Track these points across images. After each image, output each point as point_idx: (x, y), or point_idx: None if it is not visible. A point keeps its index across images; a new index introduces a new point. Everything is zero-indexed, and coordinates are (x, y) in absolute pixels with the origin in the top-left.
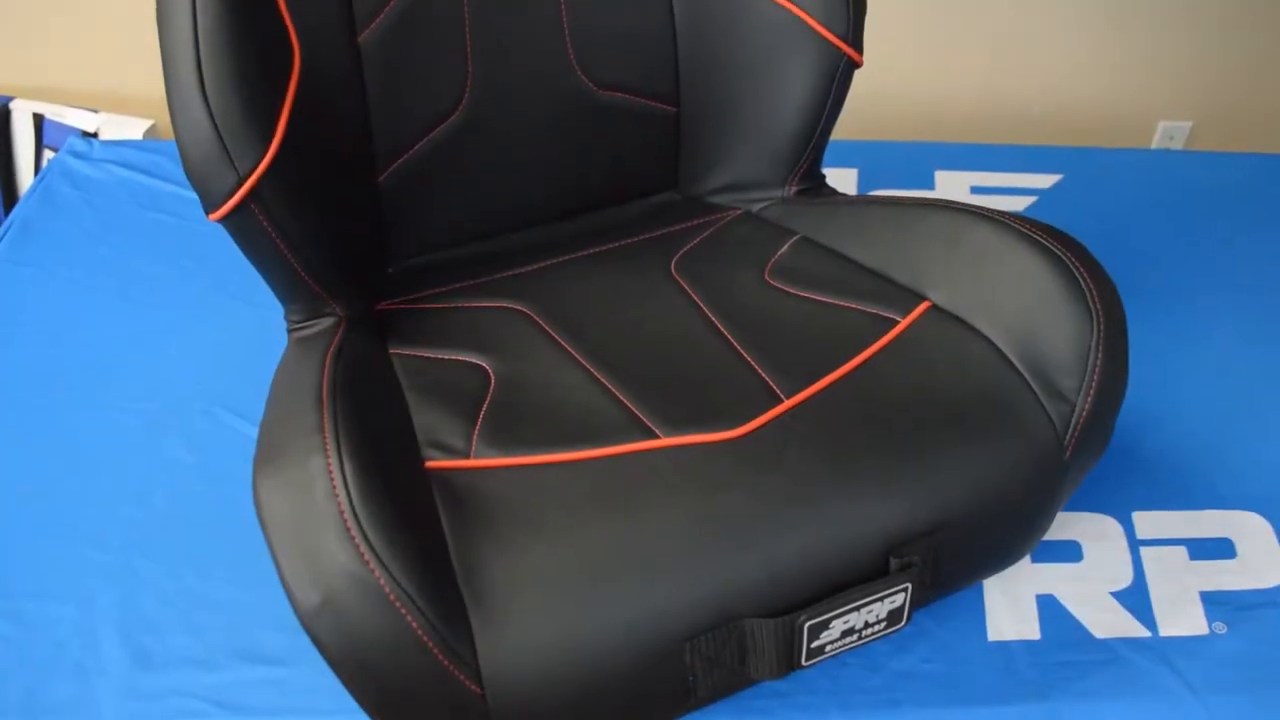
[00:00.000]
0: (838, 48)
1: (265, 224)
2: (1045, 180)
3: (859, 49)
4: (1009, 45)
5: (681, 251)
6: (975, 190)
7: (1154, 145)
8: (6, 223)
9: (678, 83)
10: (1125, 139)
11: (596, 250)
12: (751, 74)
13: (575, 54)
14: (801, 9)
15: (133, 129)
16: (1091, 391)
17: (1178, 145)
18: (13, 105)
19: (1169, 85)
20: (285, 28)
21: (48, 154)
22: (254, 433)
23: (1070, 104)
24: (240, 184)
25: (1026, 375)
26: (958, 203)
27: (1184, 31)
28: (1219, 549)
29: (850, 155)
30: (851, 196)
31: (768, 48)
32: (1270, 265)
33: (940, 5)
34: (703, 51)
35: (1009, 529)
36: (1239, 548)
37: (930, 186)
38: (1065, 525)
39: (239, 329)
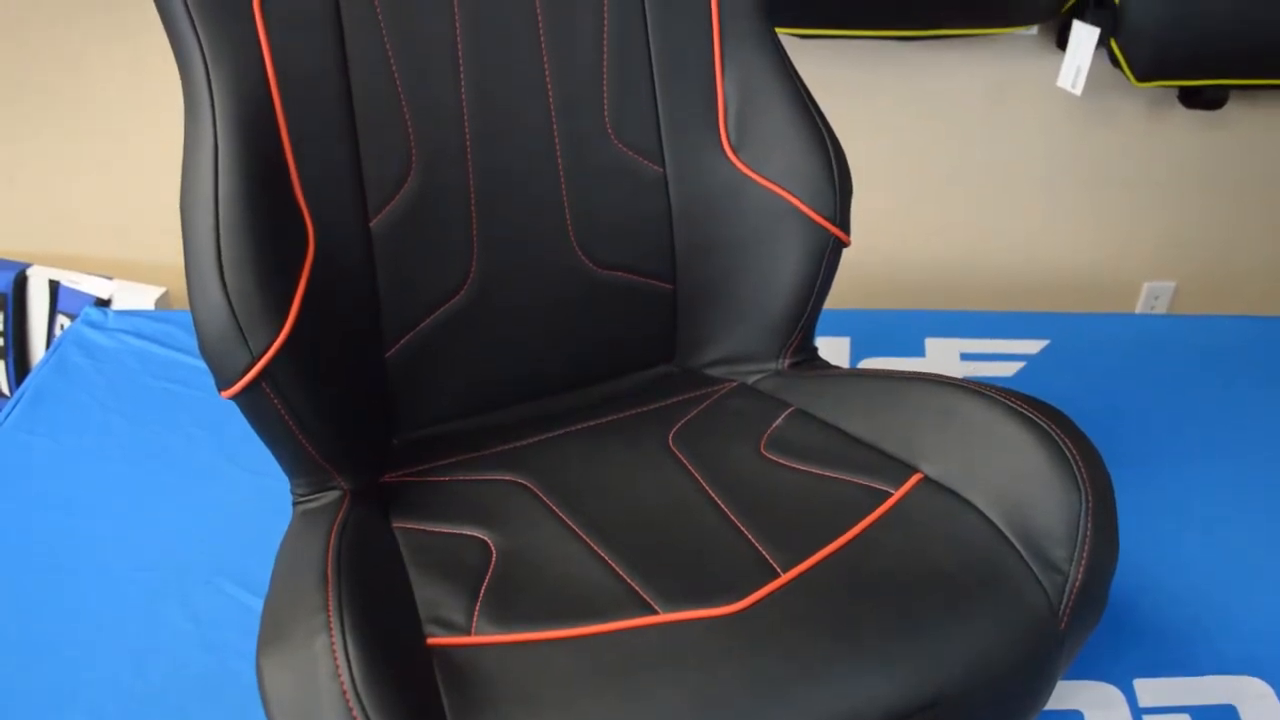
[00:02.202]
0: (826, 229)
1: (276, 402)
2: (1033, 346)
3: (846, 229)
4: (994, 213)
5: (679, 424)
6: (965, 357)
7: (1140, 305)
8: (20, 391)
9: (674, 262)
10: (1111, 300)
11: (596, 423)
12: (744, 254)
13: (576, 236)
14: (791, 194)
15: (145, 296)
16: (1083, 561)
17: (1163, 305)
18: (30, 271)
19: (1152, 247)
20: (301, 215)
21: (61, 319)
22: (255, 603)
23: (1057, 267)
24: (253, 363)
25: (1019, 546)
26: (947, 376)
27: (1165, 195)
28: (1223, 716)
29: (843, 324)
30: (844, 369)
31: (759, 229)
32: (1257, 426)
33: (925, 176)
34: (697, 232)
35: (1009, 701)
36: (1243, 713)
37: (921, 353)
38: (1066, 695)
39: (244, 498)
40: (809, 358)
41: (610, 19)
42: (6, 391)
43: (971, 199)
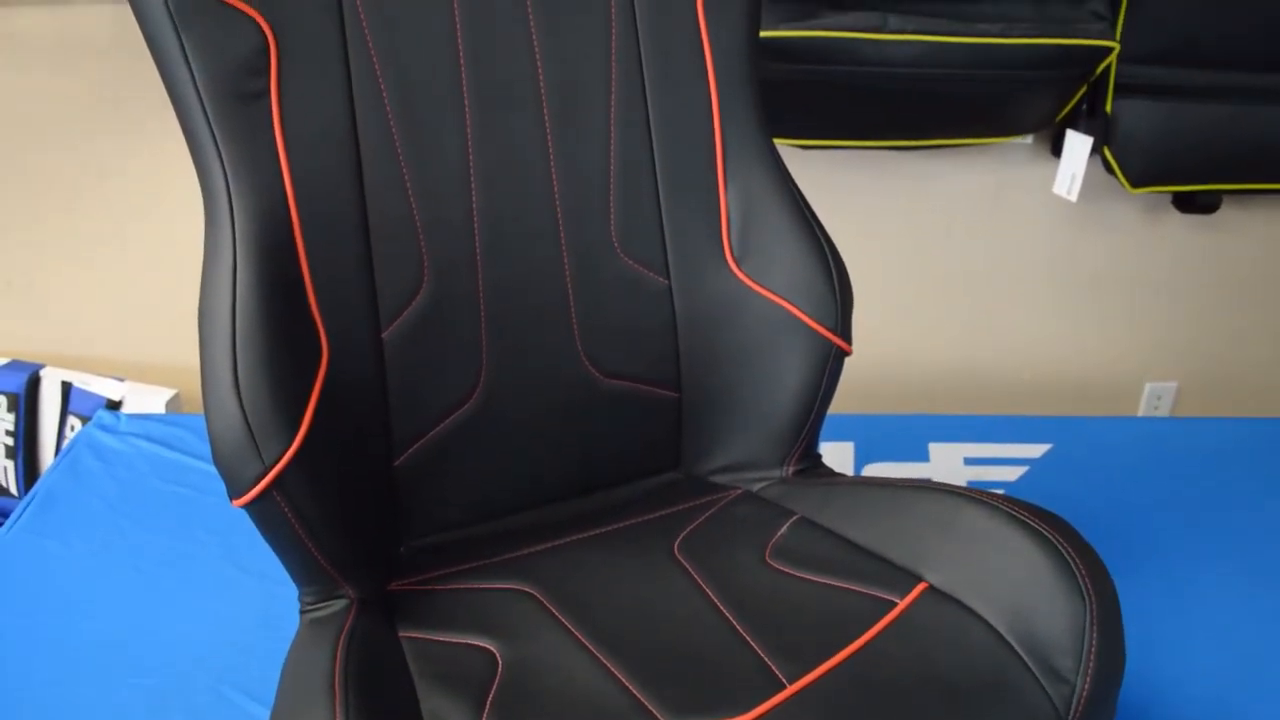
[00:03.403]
0: (828, 339)
1: (286, 511)
2: (1036, 450)
3: (847, 339)
4: (995, 316)
5: (684, 532)
6: (969, 461)
7: (1142, 405)
8: (31, 493)
9: (679, 370)
10: (1114, 401)
11: (602, 531)
12: (748, 363)
13: (582, 345)
14: (793, 305)
15: (156, 397)
16: (1089, 671)
17: (1166, 405)
18: (43, 373)
19: (1152, 348)
20: (316, 327)
21: (72, 420)
22: (261, 713)
23: (1059, 369)
24: (265, 473)
25: (1024, 656)
26: (949, 485)
27: (1163, 296)
28: None
29: (847, 429)
30: (848, 477)
31: (762, 339)
32: (1263, 529)
33: (925, 280)
34: (702, 342)
35: None
36: None
37: (925, 458)
38: None
39: (249, 604)
40: (813, 465)
41: (617, 138)
42: (14, 492)
43: (972, 303)
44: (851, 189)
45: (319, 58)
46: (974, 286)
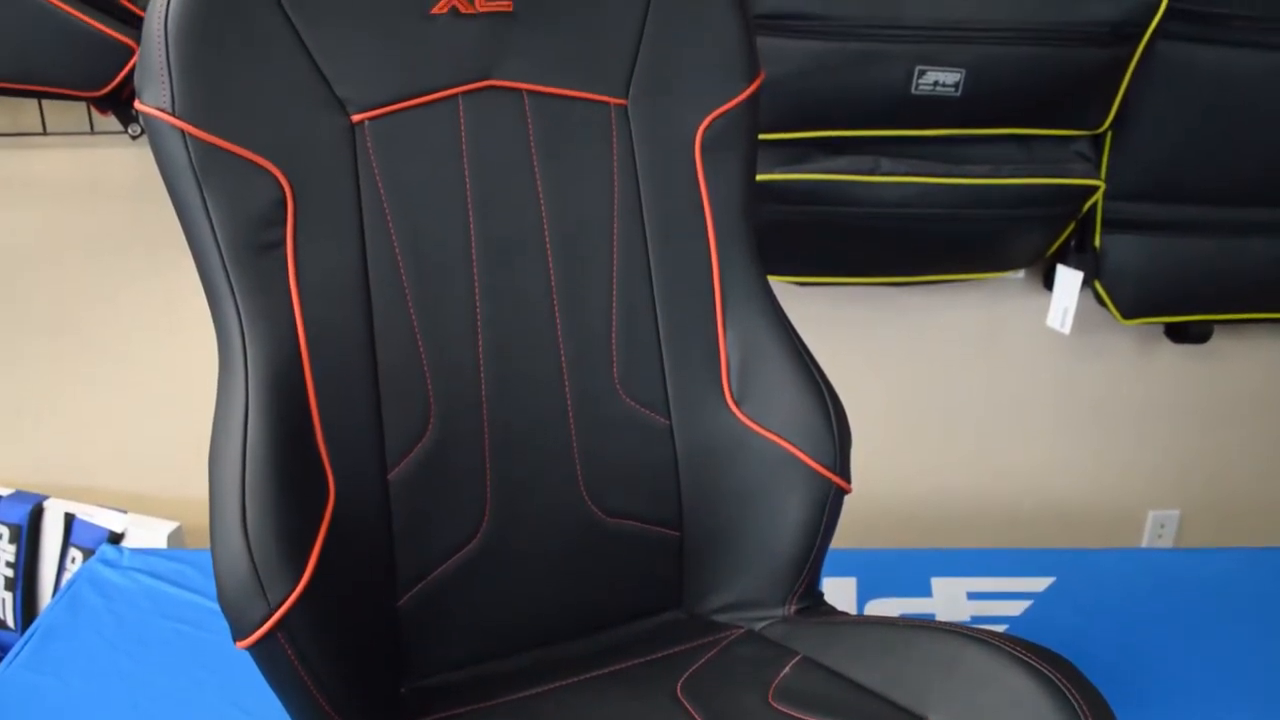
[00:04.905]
0: (827, 478)
1: (290, 653)
2: (1039, 583)
3: (846, 477)
4: (993, 448)
5: (687, 673)
6: (972, 596)
7: (1145, 534)
8: (32, 629)
9: (680, 509)
10: (1118, 530)
11: (605, 671)
12: (748, 502)
13: (585, 485)
14: (791, 444)
15: (159, 530)
16: None
17: (1170, 532)
18: (46, 504)
19: (1154, 476)
20: (324, 470)
21: (73, 552)
22: None
23: (1060, 499)
24: (270, 614)
25: None
26: (951, 625)
27: (1160, 425)
28: None
29: (848, 564)
30: (850, 615)
31: (762, 479)
32: (1269, 662)
33: (924, 412)
34: (703, 482)
35: None
36: None
37: (928, 593)
38: None
39: None
40: (815, 603)
41: (619, 285)
42: (12, 625)
43: (970, 435)
44: (848, 324)
45: (334, 209)
46: (972, 419)
